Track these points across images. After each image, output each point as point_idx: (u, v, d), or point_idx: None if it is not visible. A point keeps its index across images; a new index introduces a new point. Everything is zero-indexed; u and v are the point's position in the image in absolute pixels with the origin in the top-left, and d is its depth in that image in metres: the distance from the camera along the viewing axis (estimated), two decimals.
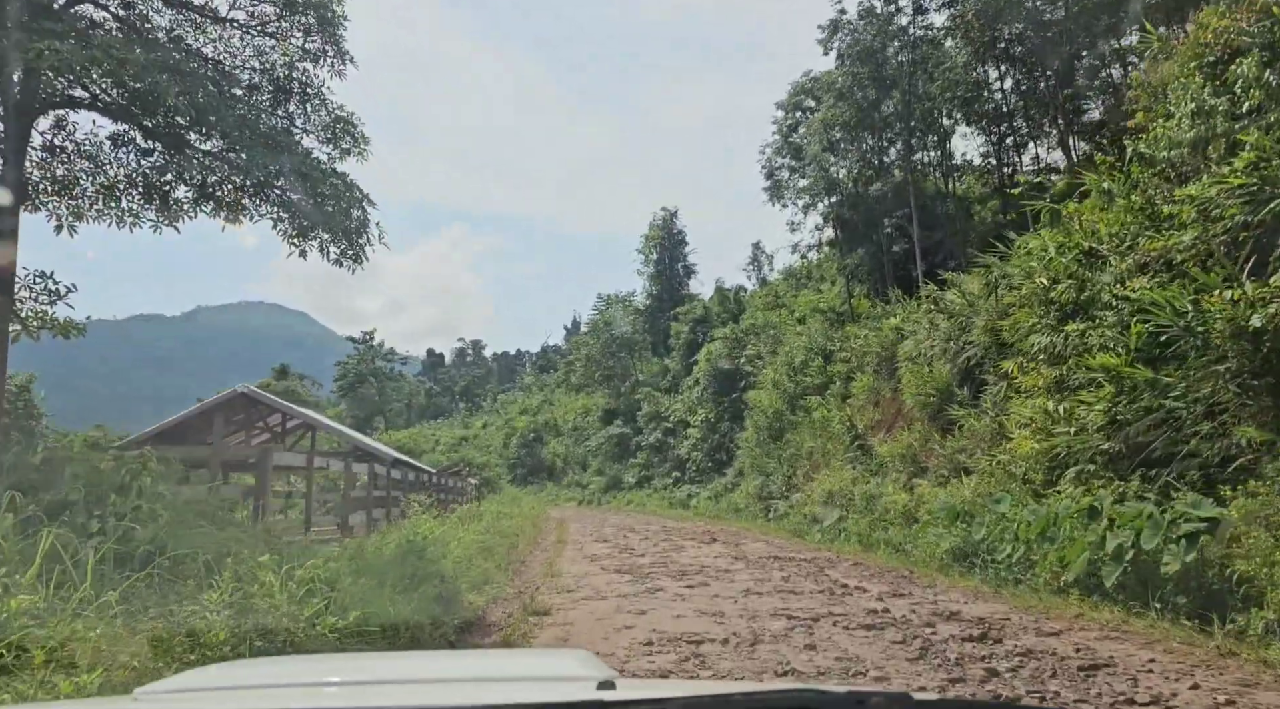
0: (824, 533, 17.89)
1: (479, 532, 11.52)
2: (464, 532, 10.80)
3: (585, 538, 19.68)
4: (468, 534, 10.70)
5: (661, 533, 21.51)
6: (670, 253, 53.37)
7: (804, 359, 30.80)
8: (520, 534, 18.72)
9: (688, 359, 45.36)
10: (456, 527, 11.82)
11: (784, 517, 24.15)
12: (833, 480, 20.48)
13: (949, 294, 19.05)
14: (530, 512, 28.74)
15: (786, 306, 41.96)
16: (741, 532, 21.68)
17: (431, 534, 9.96)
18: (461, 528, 11.74)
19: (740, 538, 19.06)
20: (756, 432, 31.66)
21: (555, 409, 65.21)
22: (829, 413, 26.32)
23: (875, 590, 9.38)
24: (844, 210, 30.61)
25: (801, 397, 29.76)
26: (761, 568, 12.17)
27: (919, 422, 18.57)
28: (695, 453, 40.30)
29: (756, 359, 37.50)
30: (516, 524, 20.84)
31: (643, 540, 18.67)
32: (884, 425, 22.59)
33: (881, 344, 23.62)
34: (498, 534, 15.64)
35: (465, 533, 10.70)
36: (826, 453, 24.91)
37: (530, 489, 57.13)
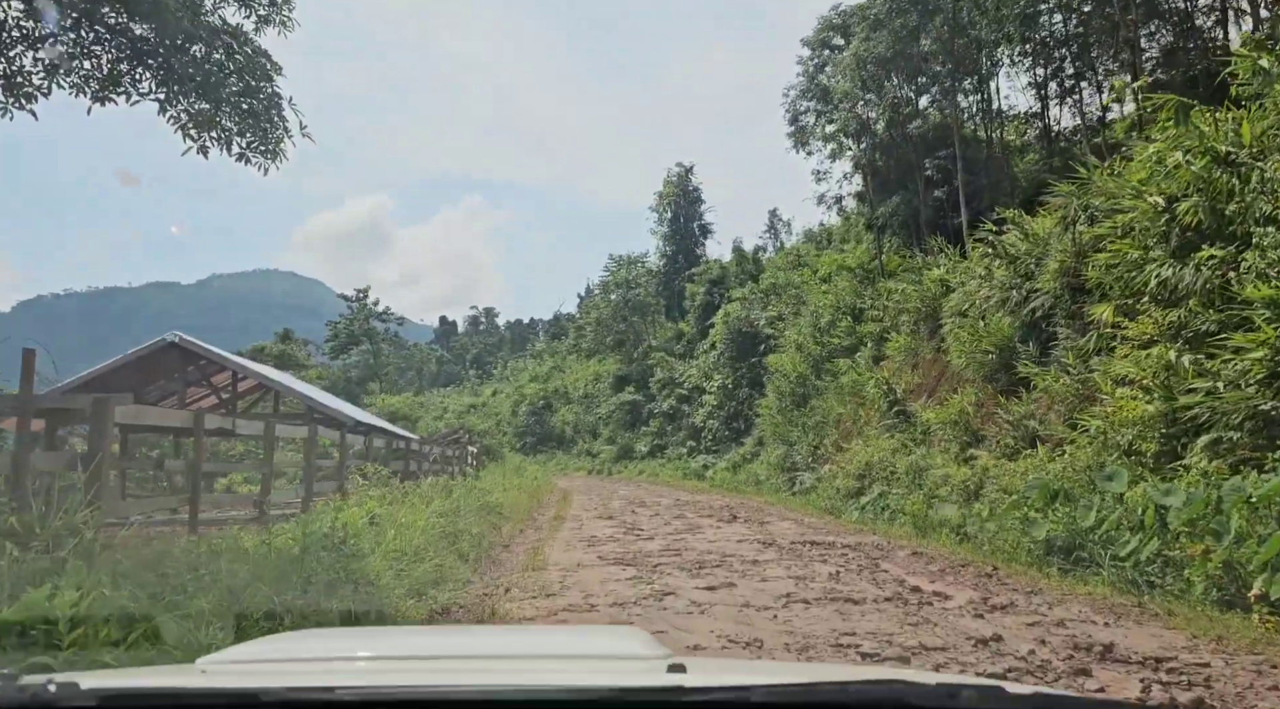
0: (863, 511, 15.46)
1: (445, 510, 9.19)
2: (415, 514, 8.47)
3: (588, 514, 17.34)
4: (418, 517, 8.35)
5: (674, 508, 19.16)
6: (685, 211, 50.61)
7: (831, 319, 28.24)
8: (512, 510, 16.40)
9: (703, 322, 42.84)
10: (415, 505, 9.49)
11: (811, 490, 21.74)
12: (869, 451, 18.02)
13: (1007, 237, 16.41)
14: (532, 483, 26.47)
15: (809, 266, 39.24)
16: (765, 507, 19.28)
17: (373, 515, 7.66)
18: (423, 506, 9.42)
19: (765, 515, 16.67)
20: (779, 398, 29.20)
21: (565, 376, 62.94)
22: (860, 376, 23.81)
23: (962, 599, 6.94)
24: (876, 155, 27.83)
25: (828, 359, 27.26)
26: (798, 558, 9.77)
27: (972, 383, 16.03)
28: (711, 421, 37.92)
29: (778, 320, 34.93)
30: (512, 498, 18.53)
31: (653, 517, 16.33)
32: (925, 389, 20.07)
33: (922, 299, 21.03)
34: (481, 510, 13.31)
35: (416, 516, 8.36)
36: (859, 420, 22.45)
37: (539, 458, 55.06)
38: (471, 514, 12.50)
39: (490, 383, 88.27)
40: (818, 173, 32.61)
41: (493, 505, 15.32)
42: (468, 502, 13.38)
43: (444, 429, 33.36)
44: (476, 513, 12.84)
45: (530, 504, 19.27)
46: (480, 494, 16.13)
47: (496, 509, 15.42)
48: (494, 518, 13.68)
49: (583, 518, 16.24)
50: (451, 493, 10.88)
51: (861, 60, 25.94)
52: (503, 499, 17.33)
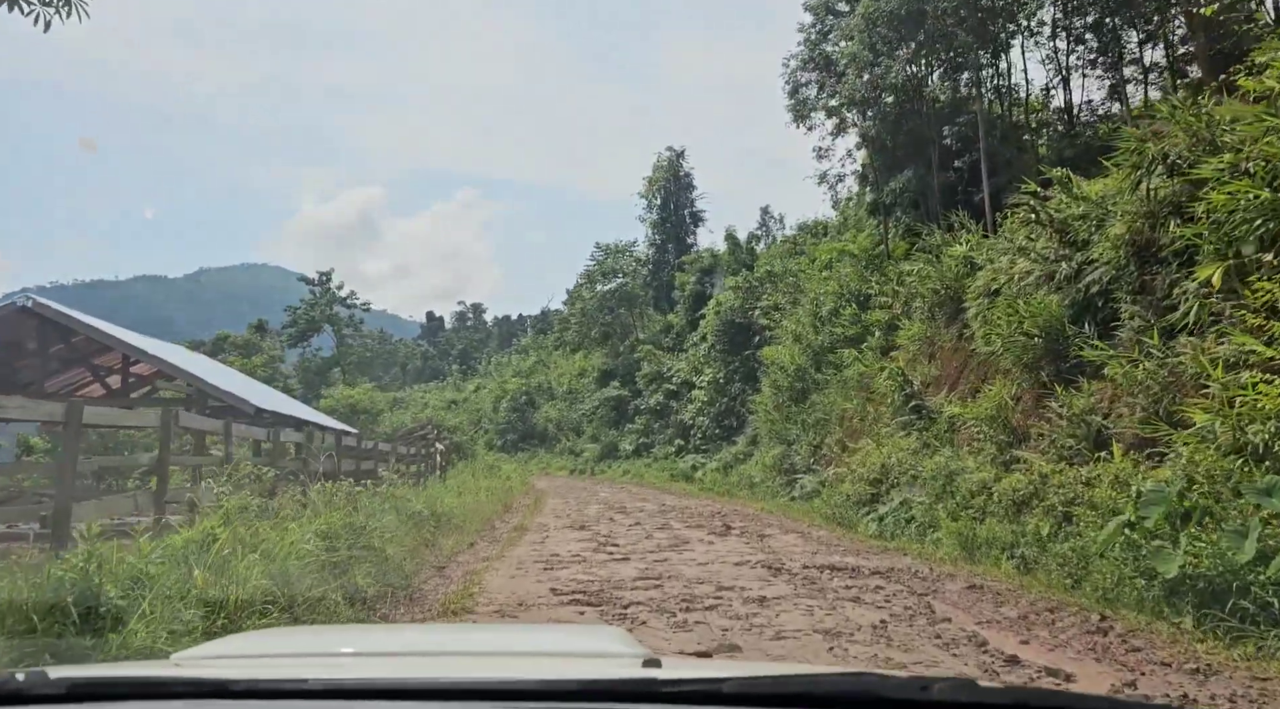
0: (881, 522, 13.00)
1: (339, 528, 6.66)
2: (287, 536, 5.95)
3: (558, 522, 14.85)
4: (288, 539, 5.78)
5: (659, 515, 16.70)
6: (676, 198, 48.07)
7: (833, 306, 25.80)
8: (468, 518, 13.90)
9: (693, 313, 40.38)
10: (305, 519, 6.95)
11: (813, 495, 19.29)
12: (883, 451, 15.59)
13: (1052, 202, 13.97)
14: (503, 484, 23.93)
15: (807, 255, 36.79)
16: (762, 515, 16.82)
17: (210, 539, 5.20)
18: (309, 521, 6.88)
19: (764, 525, 14.21)
20: (775, 393, 26.74)
21: (550, 371, 60.42)
22: (868, 368, 21.39)
23: (1092, 682, 4.47)
24: (884, 127, 25.38)
25: (830, 350, 24.84)
26: (819, 592, 7.31)
27: (1008, 374, 13.59)
28: (701, 418, 35.46)
29: (774, 310, 32.49)
30: (471, 503, 16.03)
31: (633, 527, 13.85)
32: (945, 381, 17.65)
33: (942, 281, 18.59)
34: (415, 521, 10.78)
35: (285, 538, 5.84)
36: (866, 417, 20.03)
37: (520, 457, 52.54)
38: (403, 528, 9.98)
39: (474, 378, 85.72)
40: (819, 149, 30.17)
41: (441, 514, 12.80)
42: (405, 509, 10.86)
43: (409, 424, 30.83)
44: (409, 526, 10.33)
45: (493, 511, 16.75)
46: (430, 499, 13.60)
47: (445, 518, 12.91)
48: (432, 532, 11.18)
49: (550, 528, 13.73)
50: (358, 503, 8.37)
51: (871, 20, 23.51)
52: (458, 505, 14.83)
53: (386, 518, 8.85)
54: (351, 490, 7.95)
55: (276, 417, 11.14)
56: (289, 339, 50.76)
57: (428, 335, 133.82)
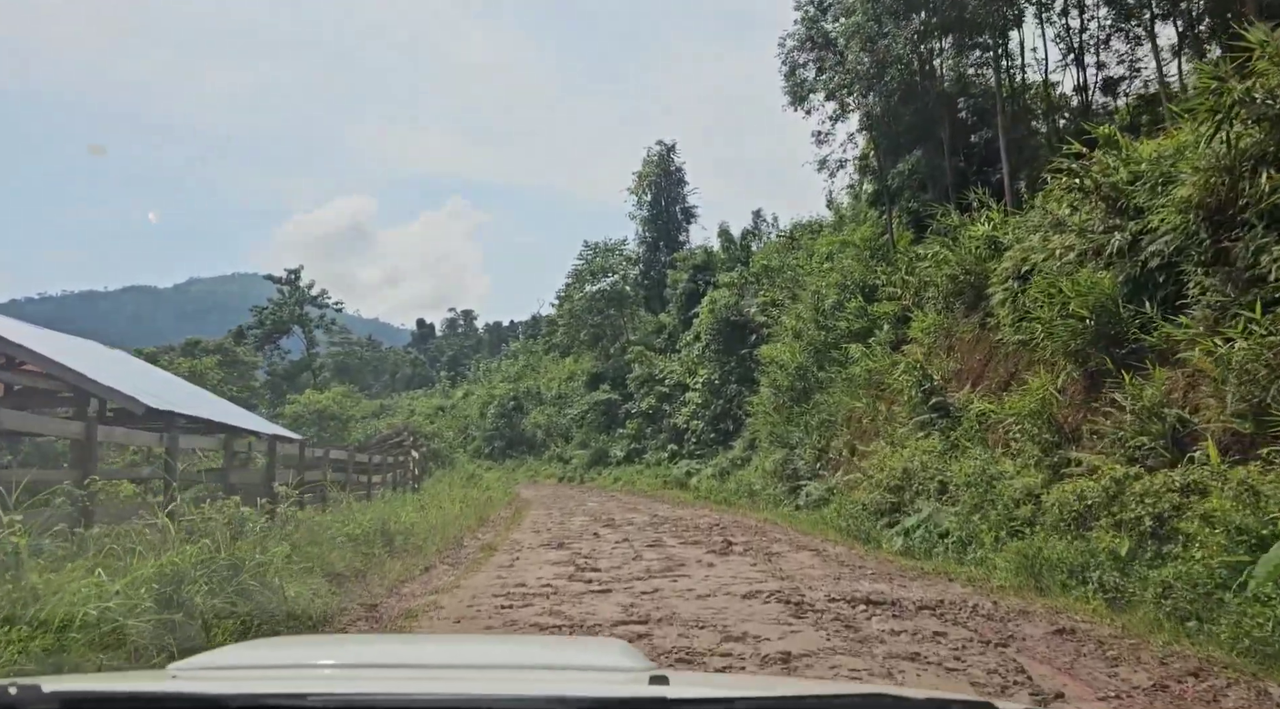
0: (908, 536, 11.15)
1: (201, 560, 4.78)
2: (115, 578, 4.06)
3: (534, 540, 12.98)
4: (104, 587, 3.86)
5: (650, 528, 14.86)
6: (667, 194, 46.24)
7: (837, 299, 24.01)
8: (430, 537, 12.02)
9: (687, 312, 38.55)
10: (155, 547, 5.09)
11: (822, 504, 17.47)
12: (902, 455, 13.78)
13: (1097, 166, 12.20)
14: (481, 496, 22.04)
15: (804, 249, 35.00)
16: (767, 528, 14.99)
17: None
18: (150, 555, 4.98)
19: (771, 540, 12.37)
20: (775, 393, 24.94)
21: (539, 376, 58.51)
22: (877, 363, 19.62)
23: None
24: (889, 106, 23.62)
25: (834, 346, 23.05)
26: (859, 642, 5.49)
27: (1057, 362, 11.79)
28: (695, 421, 33.61)
29: (771, 307, 30.70)
30: (437, 519, 14.17)
31: (619, 545, 12.00)
32: (967, 375, 15.87)
33: (961, 265, 16.82)
34: (357, 542, 8.92)
35: (100, 587, 3.96)
36: (878, 417, 18.24)
37: (508, 464, 50.66)
38: (337, 554, 8.11)
39: (462, 385, 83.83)
40: (818, 134, 28.42)
41: (396, 533, 10.92)
42: (346, 530, 8.98)
43: (384, 431, 28.85)
44: (347, 552, 8.46)
45: (465, 526, 14.87)
46: (386, 516, 11.73)
47: (403, 538, 11.04)
48: (378, 557, 9.30)
49: (524, 547, 11.86)
50: (262, 526, 6.51)
51: None
52: (420, 521, 12.96)
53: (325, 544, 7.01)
54: (237, 511, 6.10)
55: (187, 419, 9.33)
56: (255, 341, 48.01)
57: (418, 343, 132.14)
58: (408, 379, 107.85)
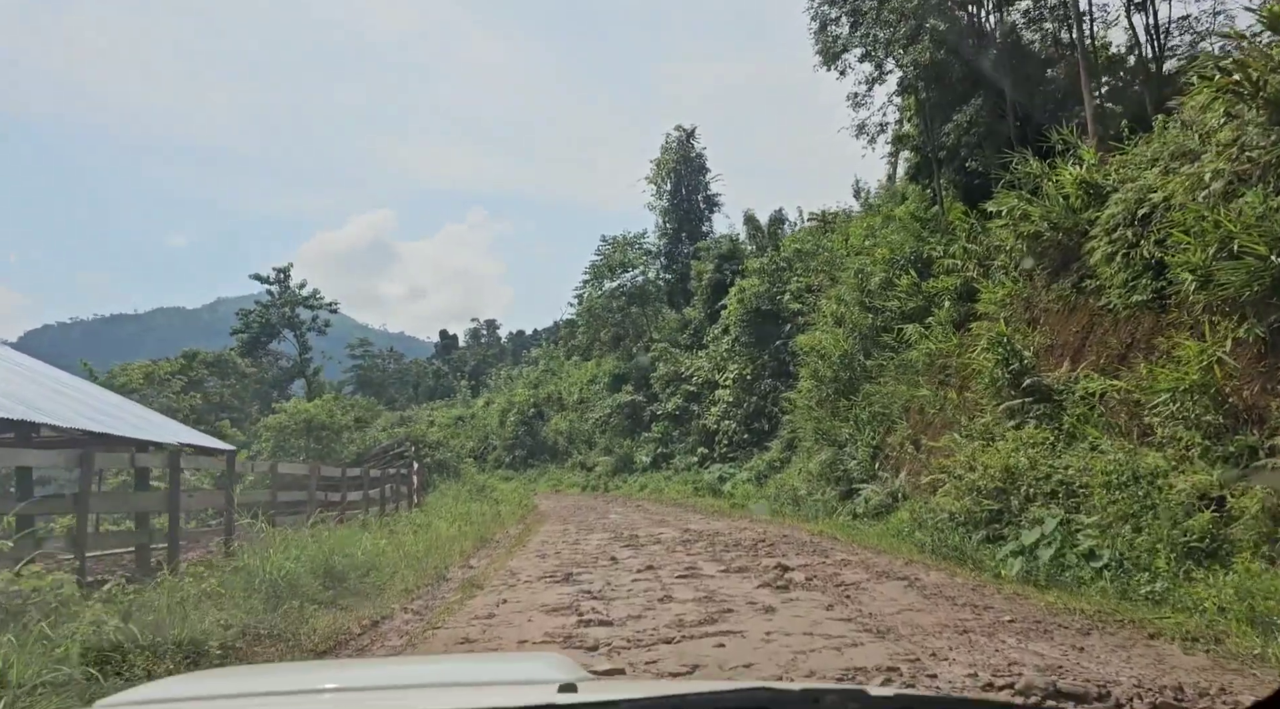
0: (1029, 558, 8.31)
1: None
2: None
3: (536, 569, 10.30)
4: None
5: (681, 548, 12.15)
6: (688, 182, 43.47)
7: (885, 277, 21.19)
8: (396, 571, 9.38)
9: (713, 304, 35.78)
10: None
11: (884, 512, 14.69)
12: (996, 451, 10.93)
13: (1257, 64, 9.33)
14: (488, 512, 19.41)
15: (839, 232, 32.12)
16: (825, 543, 12.19)
17: None
18: None
19: (838, 564, 9.59)
20: (818, 385, 22.14)
21: (560, 381, 55.94)
22: (942, 345, 16.84)
23: None
24: (938, 57, 20.76)
25: (885, 330, 20.24)
26: None
27: (1216, 322, 8.93)
28: (727, 421, 30.85)
29: (807, 293, 27.93)
30: (424, 544, 11.58)
31: (641, 576, 9.30)
32: (1061, 351, 13.02)
33: (1047, 220, 13.96)
34: (260, 597, 6.31)
35: None
36: (945, 405, 15.42)
37: (530, 473, 48.20)
38: (238, 609, 5.49)
39: (484, 394, 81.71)
40: (854, 96, 25.64)
41: (352, 570, 8.30)
42: (265, 570, 6.38)
43: (384, 442, 26.32)
44: (260, 600, 5.86)
45: (454, 552, 12.22)
46: (342, 546, 9.13)
47: (360, 575, 8.41)
48: (309, 606, 6.68)
49: (519, 583, 9.17)
50: None
51: None
52: (392, 549, 10.34)
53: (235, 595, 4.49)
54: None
55: (82, 435, 7.02)
56: (241, 347, 45.00)
57: (441, 354, 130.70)
58: (430, 390, 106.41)
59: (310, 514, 11.47)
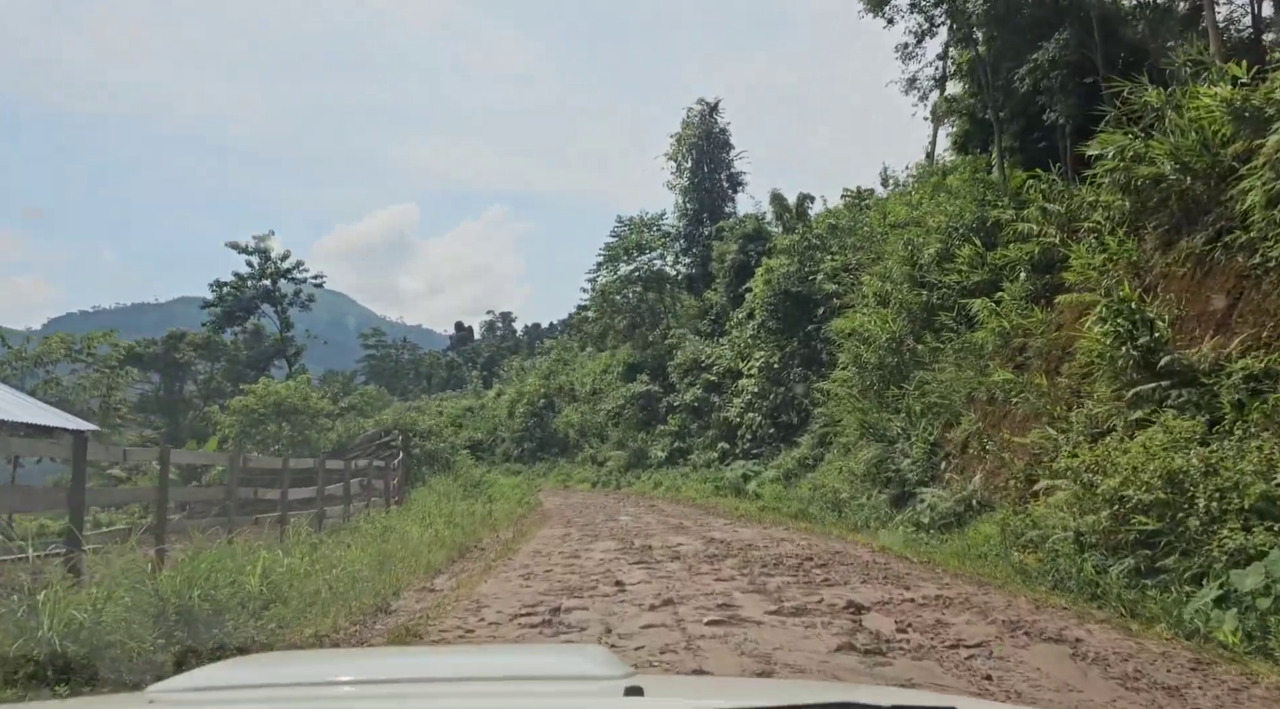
0: (1244, 611, 5.52)
1: None
2: None
3: (513, 600, 7.62)
4: None
5: (707, 564, 9.47)
6: (710, 158, 40.65)
7: (942, 249, 18.36)
8: (309, 603, 6.71)
9: (737, 287, 33.01)
10: None
11: (955, 523, 11.92)
12: (1148, 449, 8.06)
13: None
14: (480, 510, 16.80)
15: (875, 210, 29.18)
16: (896, 565, 9.42)
17: None
18: None
19: (941, 609, 6.81)
20: (860, 373, 19.37)
21: (572, 371, 53.30)
22: (1024, 323, 14.05)
23: None
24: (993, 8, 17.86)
25: (941, 309, 17.44)
26: None
27: None
28: (751, 413, 28.10)
29: (843, 272, 25.05)
30: (360, 559, 8.91)
31: (655, 612, 6.62)
32: (1202, 323, 10.16)
33: (1175, 159, 11.10)
34: None
35: None
36: (1027, 393, 12.60)
37: (539, 467, 45.66)
38: None
39: (495, 386, 79.44)
40: (903, 47, 22.83)
41: (229, 606, 5.60)
42: None
43: (370, 430, 23.69)
44: None
45: (416, 569, 9.56)
46: (232, 571, 6.47)
47: (250, 612, 5.74)
48: None
49: (480, 625, 6.45)
50: None
51: None
52: (322, 571, 7.69)
53: None
54: None
55: None
56: (214, 322, 41.74)
57: (456, 346, 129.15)
58: (444, 382, 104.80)
59: (230, 519, 8.81)
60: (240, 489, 9.67)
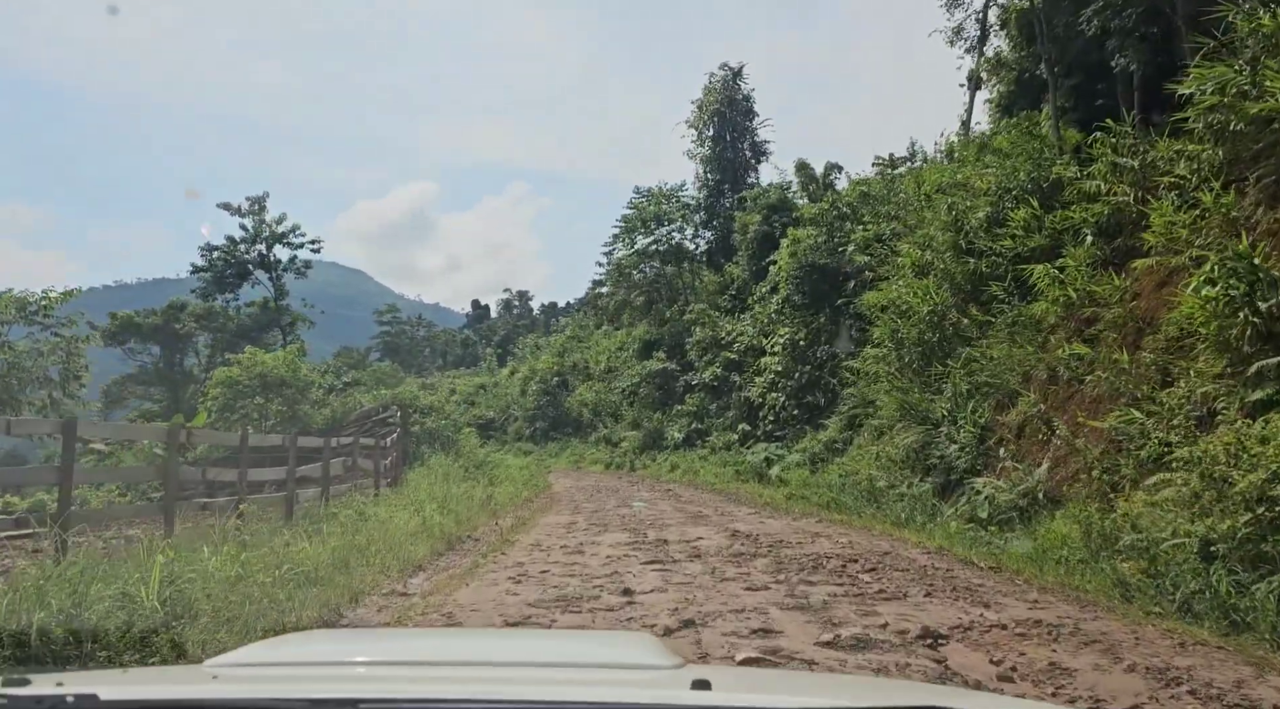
0: None
1: None
2: None
3: (493, 616, 6.03)
4: None
5: (733, 565, 8.00)
6: (733, 126, 38.78)
7: (992, 212, 16.62)
8: (234, 615, 5.17)
9: (760, 260, 31.29)
10: None
11: (1024, 520, 10.34)
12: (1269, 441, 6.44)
13: None
14: (479, 494, 15.36)
15: (910, 178, 27.31)
16: (968, 576, 7.81)
17: None
18: None
19: (1048, 643, 5.20)
20: (898, 350, 17.71)
21: (587, 349, 51.83)
22: (1098, 291, 12.34)
23: None
24: None
25: (992, 278, 15.75)
26: None
27: None
28: (774, 393, 26.50)
29: (876, 243, 23.28)
30: (319, 552, 7.40)
31: (676, 637, 5.01)
32: None
33: None
34: None
35: None
36: (1105, 367, 10.93)
37: (551, 447, 44.36)
38: None
39: (510, 363, 78.26)
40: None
41: (126, 620, 4.03)
42: None
43: (366, 405, 22.22)
44: None
45: (394, 562, 8.10)
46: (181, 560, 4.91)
47: (158, 624, 4.20)
48: None
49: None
50: None
51: None
52: (262, 570, 6.18)
53: None
54: None
55: None
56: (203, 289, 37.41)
57: (473, 323, 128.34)
58: (459, 359, 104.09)
59: (168, 506, 7.34)
60: (187, 469, 8.20)
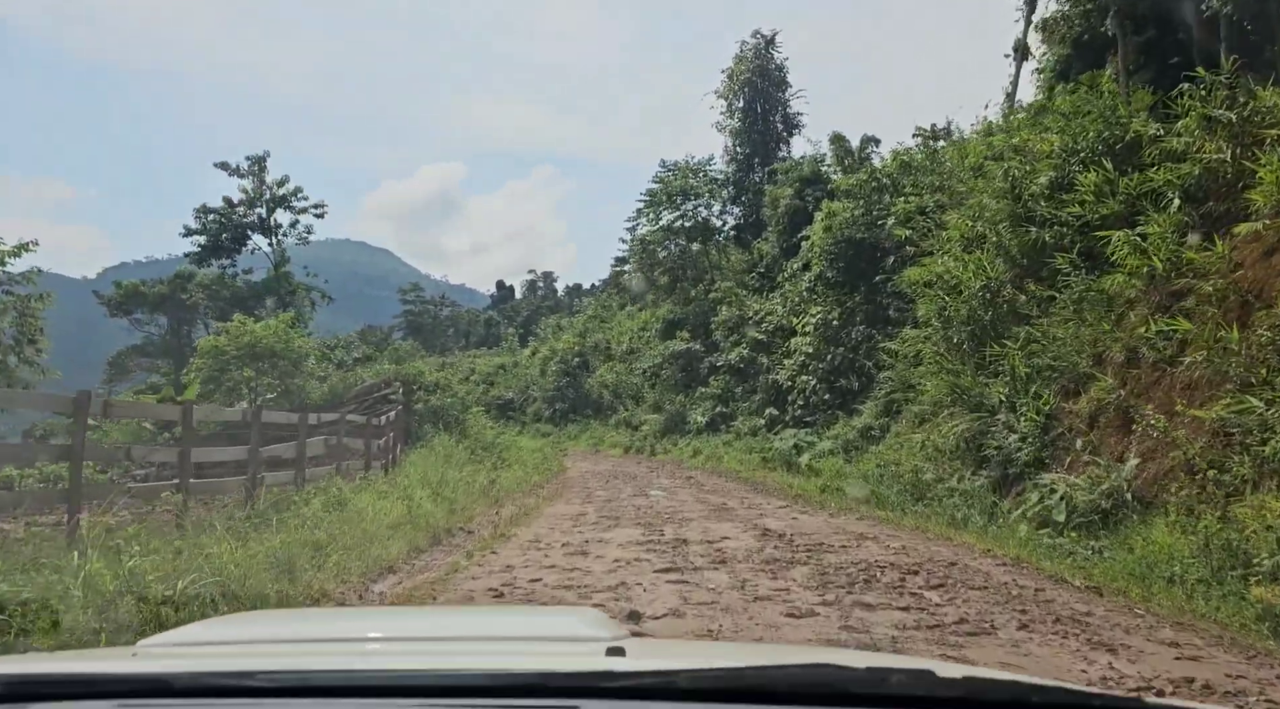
0: None
1: None
2: None
3: None
4: None
5: (767, 579, 6.61)
6: (764, 97, 36.97)
7: (1056, 177, 14.89)
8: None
9: (790, 236, 29.62)
10: None
11: (1109, 524, 8.78)
12: None
13: None
14: (483, 478, 14.00)
15: (955, 150, 25.44)
16: (1065, 599, 6.25)
17: None
18: None
19: None
20: (945, 329, 16.07)
21: (609, 329, 50.41)
22: (1193, 259, 10.67)
23: None
24: None
25: (1057, 249, 14.04)
26: None
27: None
28: (804, 376, 24.90)
29: (919, 215, 21.53)
30: (277, 547, 5.93)
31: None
32: None
33: None
34: None
35: None
36: (1204, 349, 9.31)
37: (570, 429, 43.12)
38: None
39: (532, 343, 77.23)
40: None
41: None
42: None
43: (368, 381, 20.86)
44: None
45: (357, 565, 6.66)
46: None
47: None
48: None
49: None
50: None
51: None
52: (206, 570, 4.71)
53: None
54: None
55: None
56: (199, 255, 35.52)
57: (497, 304, 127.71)
58: (481, 339, 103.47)
59: (76, 491, 5.97)
60: (108, 449, 6.83)
